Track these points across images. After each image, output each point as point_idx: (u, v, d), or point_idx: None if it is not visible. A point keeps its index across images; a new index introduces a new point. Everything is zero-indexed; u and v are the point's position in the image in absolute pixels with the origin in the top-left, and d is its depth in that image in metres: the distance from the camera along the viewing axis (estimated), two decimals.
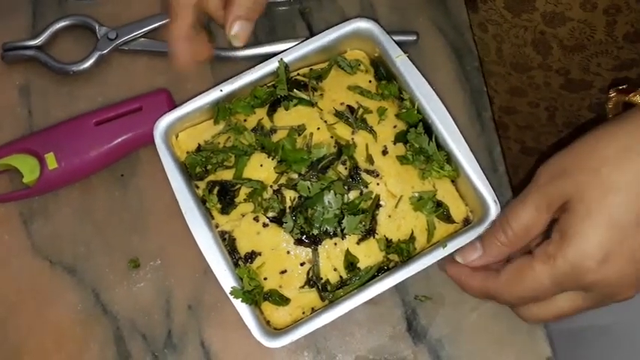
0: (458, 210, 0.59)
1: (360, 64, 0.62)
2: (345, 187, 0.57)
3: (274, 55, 0.64)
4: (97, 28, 0.67)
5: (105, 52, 0.67)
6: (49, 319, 0.62)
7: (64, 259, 0.63)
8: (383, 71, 0.62)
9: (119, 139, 0.63)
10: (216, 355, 0.61)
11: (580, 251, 0.48)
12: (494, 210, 0.57)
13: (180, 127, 0.60)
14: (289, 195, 0.57)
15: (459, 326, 0.61)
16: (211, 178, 0.59)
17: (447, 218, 0.59)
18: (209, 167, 0.59)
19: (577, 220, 0.48)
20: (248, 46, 0.68)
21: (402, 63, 0.60)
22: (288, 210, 0.57)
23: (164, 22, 0.68)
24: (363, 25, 0.61)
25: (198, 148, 0.60)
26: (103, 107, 0.64)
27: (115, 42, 0.67)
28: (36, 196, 0.64)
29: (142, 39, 0.68)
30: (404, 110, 0.60)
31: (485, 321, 0.61)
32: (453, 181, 0.60)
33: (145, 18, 0.68)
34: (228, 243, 0.58)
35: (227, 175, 0.59)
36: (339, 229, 0.56)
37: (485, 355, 0.60)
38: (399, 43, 0.68)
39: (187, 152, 0.60)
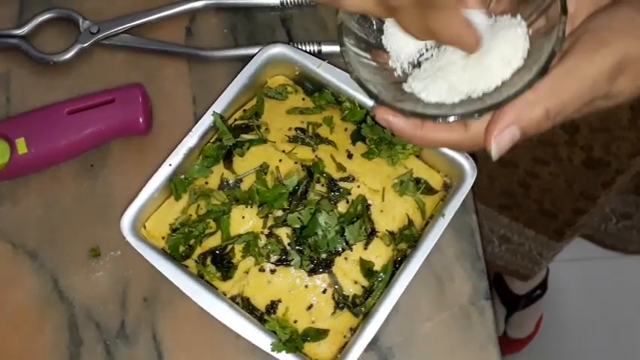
0: (434, 179, 0.61)
1: (286, 87, 0.63)
2: (332, 202, 0.58)
3: (252, 57, 0.65)
4: (80, 21, 0.69)
5: (85, 45, 0.68)
6: (7, 302, 0.62)
7: (27, 244, 0.64)
8: (309, 85, 0.63)
9: (90, 129, 0.64)
10: (167, 349, 0.61)
11: None
12: (467, 165, 0.58)
13: (144, 217, 0.59)
14: (284, 232, 0.57)
15: (411, 336, 0.61)
16: (199, 251, 0.58)
17: (430, 190, 0.60)
18: (192, 242, 0.58)
19: None
20: (226, 47, 0.69)
21: (325, 70, 0.62)
22: (289, 247, 0.57)
23: (145, 20, 0.69)
24: (274, 51, 0.62)
25: (172, 230, 0.59)
26: (76, 97, 0.65)
27: (96, 36, 0.69)
28: (5, 180, 0.65)
29: (123, 35, 0.69)
30: (347, 111, 0.61)
31: (439, 332, 0.61)
32: (417, 156, 0.61)
33: (127, 15, 0.69)
34: (243, 305, 0.57)
35: (214, 241, 0.58)
36: (344, 243, 0.57)
37: None
38: None
39: (163, 237, 0.59)
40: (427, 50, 0.49)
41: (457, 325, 0.61)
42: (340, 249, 0.57)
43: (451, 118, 0.44)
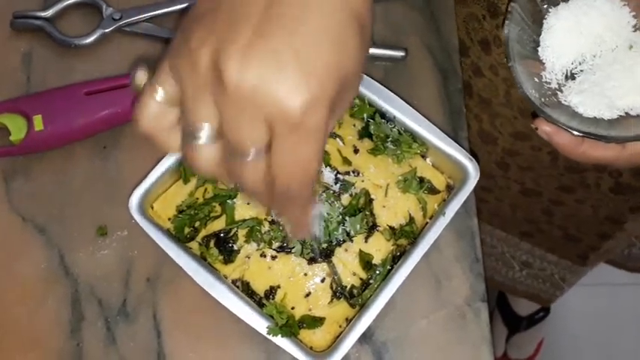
0: (437, 180, 0.62)
1: None
2: (335, 194, 0.59)
3: None
4: (103, 7, 0.71)
5: (107, 30, 0.70)
6: (14, 274, 0.64)
7: (37, 219, 0.65)
8: None
9: (105, 111, 0.65)
10: (165, 328, 0.62)
11: None
12: (470, 167, 0.59)
13: (152, 198, 0.60)
14: None
15: (407, 332, 0.62)
16: (203, 233, 0.59)
17: (432, 190, 0.61)
18: (197, 225, 0.59)
19: None
20: None
21: None
22: (290, 235, 0.58)
23: (166, 10, 0.71)
24: None
25: (179, 211, 0.60)
26: (94, 79, 0.67)
27: (118, 22, 0.71)
28: (20, 156, 0.67)
29: (144, 23, 0.71)
30: (355, 108, 0.62)
31: (434, 330, 0.62)
32: (423, 157, 0.62)
33: (150, 4, 0.71)
34: (243, 289, 0.58)
35: (218, 225, 0.59)
36: (345, 235, 0.58)
37: None
38: (387, 58, 0.71)
39: (169, 219, 0.60)
40: (581, 63, 0.51)
41: (452, 324, 0.62)
42: (341, 240, 0.58)
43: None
